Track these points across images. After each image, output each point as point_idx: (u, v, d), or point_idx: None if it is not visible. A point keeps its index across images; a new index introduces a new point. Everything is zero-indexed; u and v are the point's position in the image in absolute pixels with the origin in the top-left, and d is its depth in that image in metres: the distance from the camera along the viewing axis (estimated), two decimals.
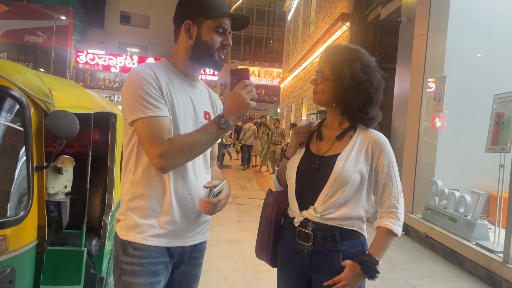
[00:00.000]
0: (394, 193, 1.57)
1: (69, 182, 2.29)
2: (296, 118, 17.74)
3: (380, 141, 1.60)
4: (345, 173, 1.54)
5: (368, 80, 1.57)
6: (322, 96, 1.62)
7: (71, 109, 1.94)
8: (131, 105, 1.45)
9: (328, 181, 1.56)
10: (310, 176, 1.63)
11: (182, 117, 1.53)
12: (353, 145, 1.60)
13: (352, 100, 1.57)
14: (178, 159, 1.43)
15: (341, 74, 1.56)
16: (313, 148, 1.69)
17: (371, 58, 1.62)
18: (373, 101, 1.60)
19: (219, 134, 1.48)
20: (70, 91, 2.13)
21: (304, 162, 1.67)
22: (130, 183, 1.53)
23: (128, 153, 1.55)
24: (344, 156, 1.58)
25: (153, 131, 1.41)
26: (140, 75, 1.46)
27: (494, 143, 4.59)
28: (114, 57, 30.31)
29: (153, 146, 1.40)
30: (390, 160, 1.59)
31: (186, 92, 1.58)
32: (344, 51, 1.61)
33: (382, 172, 1.58)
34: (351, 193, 1.57)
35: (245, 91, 1.46)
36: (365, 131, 1.62)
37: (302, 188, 1.65)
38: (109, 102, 2.87)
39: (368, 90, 1.57)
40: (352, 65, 1.56)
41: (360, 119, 1.61)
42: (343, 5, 10.72)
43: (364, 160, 1.58)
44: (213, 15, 1.53)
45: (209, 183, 1.57)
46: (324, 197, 1.57)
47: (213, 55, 1.56)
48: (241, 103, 1.46)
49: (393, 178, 1.59)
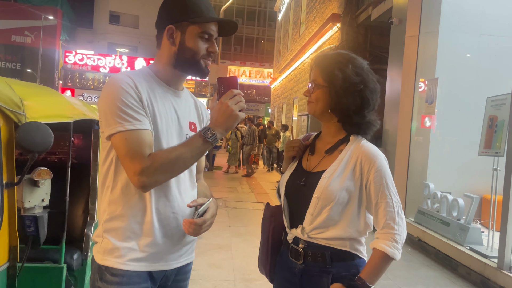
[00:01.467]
0: (389, 213, 1.45)
1: (47, 195, 2.16)
2: (287, 119, 17.67)
3: (371, 155, 1.48)
4: (329, 191, 1.44)
5: (362, 81, 1.48)
6: (317, 104, 1.53)
7: (46, 119, 1.82)
8: (108, 117, 1.32)
9: (312, 199, 1.47)
10: (297, 193, 1.55)
11: (165, 129, 1.41)
12: (340, 160, 1.50)
13: (347, 103, 1.47)
14: (160, 176, 1.32)
15: (333, 78, 1.48)
16: (304, 163, 1.60)
17: (363, 61, 1.55)
18: (370, 104, 1.51)
19: (205, 148, 1.37)
20: (45, 99, 2.00)
21: (293, 178, 1.58)
22: (108, 202, 1.41)
23: (106, 169, 1.42)
24: (330, 173, 1.48)
25: (133, 145, 1.29)
26: (117, 85, 1.34)
27: (487, 147, 4.54)
28: (103, 57, 30.03)
29: (132, 162, 1.28)
30: (382, 176, 1.46)
31: (169, 102, 1.46)
32: (334, 56, 1.54)
33: (373, 190, 1.46)
34: (338, 212, 1.46)
35: (233, 102, 1.36)
36: (357, 145, 1.51)
37: (291, 206, 1.57)
38: (91, 108, 2.74)
39: (363, 92, 1.48)
40: (343, 67, 1.48)
41: (357, 124, 1.51)
42: (333, 6, 10.66)
43: (352, 176, 1.47)
44: (198, 20, 1.42)
45: (193, 202, 1.45)
46: (310, 216, 1.48)
47: (198, 62, 1.45)
48: (229, 114, 1.35)
49: (387, 196, 1.46)
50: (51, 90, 2.29)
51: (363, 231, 1.51)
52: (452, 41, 6.19)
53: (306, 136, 1.72)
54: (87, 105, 2.73)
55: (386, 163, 1.49)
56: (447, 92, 6.06)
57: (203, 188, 1.66)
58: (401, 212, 1.48)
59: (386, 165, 1.49)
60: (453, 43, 6.20)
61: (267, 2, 37.23)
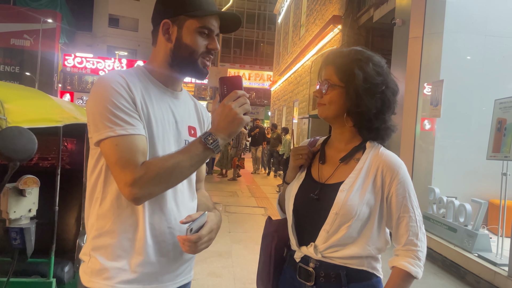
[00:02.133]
0: (412, 228, 1.31)
1: (34, 205, 2.02)
2: (287, 122, 17.53)
3: (393, 164, 1.33)
4: (348, 206, 1.29)
5: (383, 82, 1.34)
6: (330, 107, 1.36)
7: (31, 124, 1.68)
8: (97, 121, 1.18)
9: (329, 216, 1.31)
10: (309, 208, 1.37)
11: (161, 134, 1.26)
12: (359, 170, 1.34)
13: (368, 105, 1.32)
14: (154, 188, 1.17)
15: (352, 78, 1.32)
16: (314, 173, 1.43)
17: (382, 59, 1.39)
18: (391, 107, 1.36)
19: (205, 155, 1.21)
20: (31, 102, 1.86)
21: (303, 190, 1.41)
22: (96, 217, 1.26)
23: (95, 179, 1.27)
24: (348, 185, 1.32)
25: (124, 153, 1.15)
26: (108, 85, 1.19)
27: (496, 150, 4.40)
28: (103, 61, 29.91)
29: (123, 172, 1.14)
30: (405, 188, 1.32)
31: (166, 104, 1.32)
32: (351, 53, 1.37)
33: (395, 203, 1.32)
34: (358, 229, 1.31)
35: (237, 104, 1.20)
36: (376, 153, 1.36)
37: (301, 221, 1.40)
38: (84, 111, 2.60)
39: (384, 93, 1.33)
40: (363, 65, 1.32)
41: (377, 129, 1.36)
42: (334, 8, 10.54)
43: (373, 189, 1.32)
44: (197, 13, 1.27)
45: (188, 218, 1.27)
46: (325, 233, 1.32)
47: (195, 61, 1.30)
48: (232, 118, 1.19)
49: (409, 209, 1.32)
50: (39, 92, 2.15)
51: (383, 247, 1.36)
52: (457, 42, 6.06)
53: (312, 142, 1.56)
54: (80, 108, 2.59)
55: (408, 173, 1.35)
56: (452, 94, 5.93)
57: (204, 199, 1.51)
58: (423, 227, 1.35)
59: (409, 176, 1.35)
60: (458, 44, 6.07)
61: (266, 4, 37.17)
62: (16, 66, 26.72)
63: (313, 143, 1.54)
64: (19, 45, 26.72)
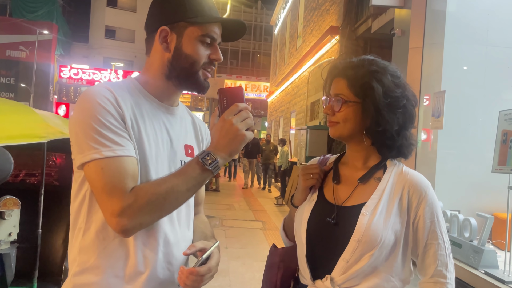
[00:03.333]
0: (440, 256, 1.18)
1: (15, 228, 1.86)
2: (284, 133, 17.42)
3: (420, 184, 1.20)
4: (372, 232, 1.13)
5: (403, 94, 1.20)
6: (346, 125, 1.22)
7: (11, 141, 1.52)
8: (81, 141, 1.03)
9: (349, 243, 1.15)
10: (325, 234, 1.21)
11: (154, 155, 1.11)
12: (382, 190, 1.19)
13: (390, 122, 1.18)
14: (146, 217, 1.01)
15: (369, 92, 1.18)
16: (328, 195, 1.27)
17: (396, 68, 1.25)
18: (413, 121, 1.23)
19: (203, 178, 1.07)
20: (11, 117, 1.71)
21: (317, 214, 1.25)
22: (78, 250, 1.10)
23: (77, 206, 1.11)
24: (371, 208, 1.17)
25: (111, 177, 1.00)
26: (93, 100, 1.04)
27: (502, 163, 4.26)
28: (99, 72, 29.89)
29: (110, 200, 0.99)
30: (434, 212, 1.19)
31: (160, 121, 1.17)
32: (364, 63, 1.22)
33: (423, 228, 1.18)
34: (382, 258, 1.15)
35: (238, 118, 1.06)
36: (399, 171, 1.22)
37: (315, 249, 1.23)
38: None
39: (406, 107, 1.20)
40: (382, 77, 1.18)
41: (400, 146, 1.22)
42: (332, 18, 10.50)
43: (398, 212, 1.17)
44: (199, 20, 1.13)
45: (191, 248, 1.12)
46: (344, 263, 1.15)
47: (196, 72, 1.15)
48: (234, 134, 1.05)
49: (438, 235, 1.19)
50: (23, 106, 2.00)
51: (407, 279, 1.21)
52: (458, 53, 5.98)
53: (322, 160, 1.40)
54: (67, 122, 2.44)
55: (435, 195, 1.23)
56: (454, 104, 5.82)
57: (202, 226, 1.34)
58: (451, 255, 1.21)
59: (436, 198, 1.22)
60: (459, 54, 5.98)
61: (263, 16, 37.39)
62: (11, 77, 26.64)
63: (324, 162, 1.39)
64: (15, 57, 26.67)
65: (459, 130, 6.01)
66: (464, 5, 6.16)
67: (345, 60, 1.28)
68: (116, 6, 34.09)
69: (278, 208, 9.69)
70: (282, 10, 20.54)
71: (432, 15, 6.05)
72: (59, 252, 2.53)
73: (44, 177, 2.08)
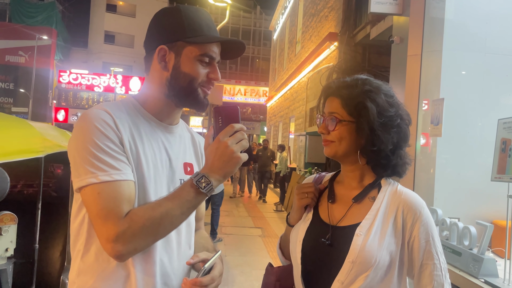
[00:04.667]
0: (436, 277, 1.16)
1: (12, 244, 1.84)
2: (283, 138, 17.41)
3: (415, 204, 1.19)
4: (367, 253, 1.12)
5: (397, 114, 1.21)
6: (341, 144, 1.22)
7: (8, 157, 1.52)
8: (78, 165, 1.03)
9: (344, 264, 1.14)
10: (320, 255, 1.20)
11: (153, 176, 1.11)
12: (376, 210, 1.18)
13: (385, 141, 1.18)
14: (140, 242, 1.02)
15: (364, 112, 1.18)
16: (323, 214, 1.27)
17: (390, 86, 1.26)
18: (407, 140, 1.24)
19: (198, 201, 1.06)
20: (7, 133, 1.70)
21: (312, 234, 1.24)
22: (77, 272, 1.09)
23: (77, 228, 1.11)
24: (365, 228, 1.16)
25: (107, 202, 1.00)
26: (91, 123, 1.05)
27: (501, 172, 4.25)
28: (98, 77, 29.91)
29: (105, 225, 0.99)
30: (429, 231, 1.18)
31: (158, 141, 1.17)
32: (358, 83, 1.23)
33: (418, 249, 1.17)
34: (377, 279, 1.14)
35: (234, 140, 1.06)
36: (393, 190, 1.21)
37: (310, 270, 1.22)
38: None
39: (400, 126, 1.21)
40: (375, 97, 1.19)
41: (394, 165, 1.22)
42: (330, 25, 10.52)
43: (393, 232, 1.17)
44: (197, 39, 1.13)
45: (195, 258, 1.14)
46: (340, 284, 1.14)
47: (195, 90, 1.15)
48: (229, 157, 1.05)
49: (434, 256, 1.18)
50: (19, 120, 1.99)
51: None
52: (457, 60, 5.99)
53: (317, 178, 1.39)
54: (65, 134, 2.43)
55: (431, 215, 1.21)
56: (453, 111, 5.82)
57: (203, 241, 1.34)
58: (448, 275, 1.20)
59: (431, 217, 1.21)
60: (457, 62, 5.99)
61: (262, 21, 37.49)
62: (10, 82, 26.66)
63: (319, 180, 1.38)
64: (14, 62, 26.70)
65: (458, 137, 6.01)
66: (463, 12, 6.17)
67: (338, 80, 1.28)
68: (115, 11, 34.18)
69: (277, 214, 9.67)
70: (281, 15, 20.59)
71: (431, 22, 6.07)
72: (57, 265, 2.52)
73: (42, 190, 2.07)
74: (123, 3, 34.23)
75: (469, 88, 6.00)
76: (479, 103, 5.91)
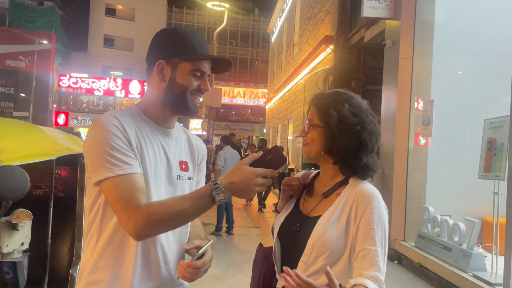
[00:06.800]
0: (375, 262, 1.25)
1: (27, 239, 2.03)
2: (282, 139, 17.59)
3: (367, 195, 1.34)
4: (324, 238, 1.32)
5: (360, 122, 1.39)
6: (312, 146, 1.42)
7: (24, 160, 1.70)
8: (95, 162, 1.23)
9: (306, 247, 1.35)
10: (291, 239, 1.42)
11: (153, 172, 1.32)
12: (338, 204, 1.37)
13: (342, 145, 1.37)
14: (156, 229, 1.23)
15: (328, 118, 1.38)
16: (301, 205, 1.48)
17: (363, 101, 1.45)
18: (368, 146, 1.40)
19: (209, 207, 1.26)
20: (24, 137, 1.89)
21: (288, 222, 1.46)
22: (91, 252, 1.30)
23: (92, 216, 1.32)
24: (326, 218, 1.35)
25: (125, 193, 1.20)
26: (104, 127, 1.25)
27: (487, 170, 4.44)
28: (98, 80, 30.08)
29: (126, 211, 1.19)
30: (374, 220, 1.30)
31: (157, 143, 1.37)
32: (331, 94, 1.45)
33: (362, 233, 1.29)
34: (334, 262, 1.32)
35: (262, 182, 1.23)
36: (355, 187, 1.39)
37: (284, 251, 1.45)
38: (76, 141, 2.62)
39: (360, 133, 1.38)
40: (339, 107, 1.39)
41: (353, 166, 1.40)
42: (326, 28, 10.71)
43: (349, 221, 1.34)
44: (191, 57, 1.34)
45: (190, 244, 1.35)
46: (303, 265, 1.35)
47: (186, 99, 1.36)
48: (250, 189, 1.22)
49: (376, 242, 1.27)
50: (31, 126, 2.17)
51: None
52: (447, 63, 6.17)
53: (305, 174, 1.61)
54: (72, 137, 2.61)
55: (383, 208, 1.35)
56: (444, 112, 6.01)
57: (196, 229, 1.55)
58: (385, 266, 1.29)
59: (384, 210, 1.34)
60: (447, 64, 6.18)
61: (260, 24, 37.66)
62: (11, 87, 26.80)
63: (306, 175, 1.59)
64: (14, 66, 26.85)
65: (449, 137, 6.20)
66: (452, 16, 6.37)
67: (321, 92, 1.50)
68: (115, 15, 34.38)
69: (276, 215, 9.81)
70: (279, 18, 20.80)
71: (421, 26, 6.26)
72: (65, 261, 2.69)
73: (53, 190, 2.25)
74: (122, 7, 34.44)
75: (459, 89, 6.20)
76: (469, 103, 6.10)
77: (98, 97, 30.60)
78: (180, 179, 1.41)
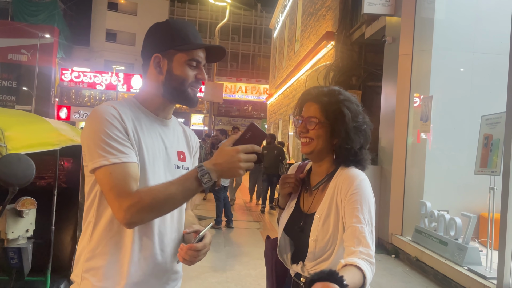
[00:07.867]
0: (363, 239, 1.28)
1: (31, 226, 2.10)
2: (283, 135, 17.65)
3: (350, 177, 1.40)
4: (323, 232, 1.40)
5: (364, 120, 1.47)
6: (318, 141, 1.45)
7: (29, 149, 1.77)
8: (92, 150, 1.27)
9: (309, 244, 1.42)
10: (296, 238, 1.51)
11: (152, 160, 1.36)
12: (328, 195, 1.44)
13: (355, 141, 1.43)
14: (147, 215, 1.25)
15: (340, 116, 1.43)
16: (301, 203, 1.55)
17: (356, 98, 1.52)
18: (369, 141, 1.50)
19: (198, 191, 1.30)
20: (29, 127, 1.96)
21: (292, 221, 1.53)
22: (89, 239, 1.34)
23: (89, 204, 1.36)
24: (321, 212, 1.43)
25: (118, 180, 1.23)
26: (101, 116, 1.29)
27: (483, 165, 4.50)
28: (100, 75, 30.12)
29: (118, 199, 1.22)
30: (357, 199, 1.33)
31: (156, 132, 1.41)
32: (334, 92, 1.49)
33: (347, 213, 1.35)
34: (336, 246, 1.40)
35: (246, 158, 1.26)
36: (341, 173, 1.45)
37: (292, 245, 1.55)
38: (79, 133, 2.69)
39: (365, 130, 1.47)
40: (350, 105, 1.45)
41: (361, 160, 1.47)
42: (328, 24, 10.74)
43: (337, 207, 1.41)
44: (185, 47, 1.38)
45: (190, 228, 1.41)
46: (311, 255, 1.43)
47: (186, 90, 1.40)
48: (235, 168, 1.25)
49: (362, 220, 1.30)
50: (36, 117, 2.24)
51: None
52: (446, 59, 6.21)
53: (301, 166, 1.65)
54: (75, 129, 2.69)
55: (367, 187, 1.38)
56: (442, 109, 6.06)
57: (190, 219, 1.60)
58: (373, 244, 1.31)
59: (367, 189, 1.38)
60: (447, 61, 6.22)
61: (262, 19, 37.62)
62: (13, 81, 26.84)
63: (303, 167, 1.64)
64: (17, 60, 26.88)
65: (447, 133, 6.25)
66: (452, 13, 6.40)
67: (317, 88, 1.53)
68: (117, 9, 34.37)
69: (276, 209, 9.90)
70: (281, 14, 20.79)
71: (421, 23, 6.30)
72: (68, 249, 2.77)
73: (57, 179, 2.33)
74: (124, 1, 34.43)
75: (458, 86, 6.24)
76: (467, 99, 6.15)
77: (100, 92, 30.68)
78: (178, 168, 1.44)
